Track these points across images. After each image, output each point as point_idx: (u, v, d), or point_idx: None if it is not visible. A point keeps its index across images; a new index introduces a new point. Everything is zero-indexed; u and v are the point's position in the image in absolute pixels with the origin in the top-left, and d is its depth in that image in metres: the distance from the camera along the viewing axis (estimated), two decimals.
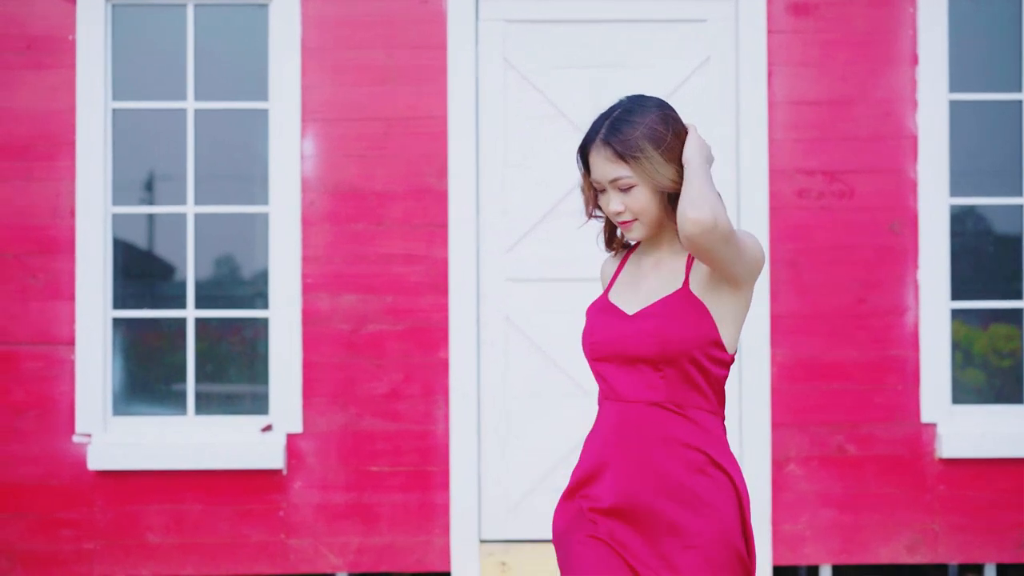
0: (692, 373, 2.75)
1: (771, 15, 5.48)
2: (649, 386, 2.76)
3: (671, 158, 2.73)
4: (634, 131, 2.73)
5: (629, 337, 2.76)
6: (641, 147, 2.72)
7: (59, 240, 5.42)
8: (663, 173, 2.73)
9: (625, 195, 2.77)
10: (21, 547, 5.38)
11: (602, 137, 2.76)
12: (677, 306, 2.76)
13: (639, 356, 2.75)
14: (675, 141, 2.75)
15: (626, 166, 2.74)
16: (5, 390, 5.39)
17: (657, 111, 2.77)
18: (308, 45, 5.46)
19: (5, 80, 5.42)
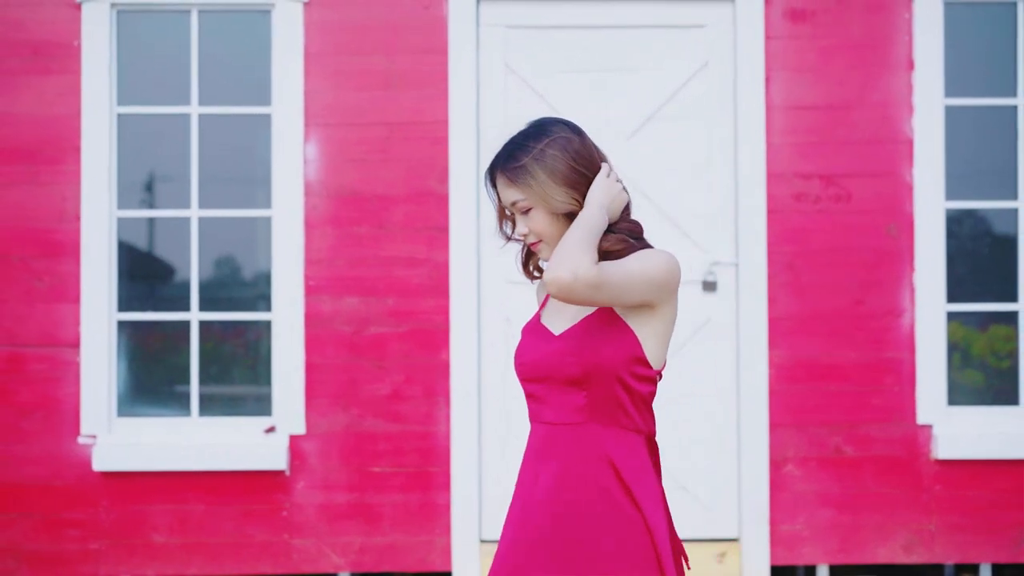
0: (616, 392, 2.76)
1: (769, 21, 5.54)
2: (573, 407, 2.77)
3: (567, 182, 2.75)
4: (526, 156, 2.76)
5: (554, 358, 2.77)
6: (532, 172, 2.74)
7: (64, 243, 5.48)
8: (556, 197, 2.75)
9: (527, 218, 2.79)
10: (27, 547, 5.43)
11: (500, 163, 2.80)
12: (599, 325, 2.76)
13: (563, 377, 2.76)
14: (572, 165, 2.76)
15: (520, 190, 2.77)
16: (11, 391, 5.45)
17: (554, 136, 2.78)
18: (311, 50, 5.52)
19: (11, 85, 5.48)
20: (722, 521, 5.53)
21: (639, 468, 2.77)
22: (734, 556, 5.46)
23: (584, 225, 2.70)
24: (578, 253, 2.64)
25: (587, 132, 2.86)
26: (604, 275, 2.66)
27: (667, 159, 5.57)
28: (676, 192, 5.57)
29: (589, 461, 2.75)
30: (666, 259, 2.75)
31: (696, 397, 5.54)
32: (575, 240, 2.67)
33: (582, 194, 2.76)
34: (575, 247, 2.65)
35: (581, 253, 2.64)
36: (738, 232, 5.52)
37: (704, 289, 5.53)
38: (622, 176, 5.37)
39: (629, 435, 2.77)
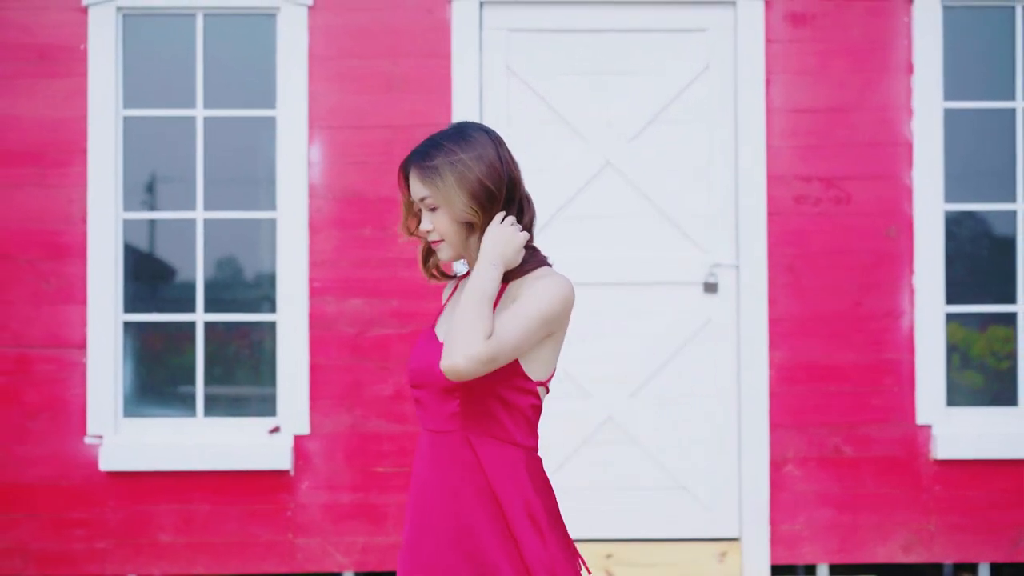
0: (490, 403, 2.78)
1: (769, 24, 5.59)
2: (447, 415, 2.80)
3: (471, 193, 2.77)
4: (441, 157, 2.79)
5: (432, 365, 2.80)
6: (442, 174, 2.77)
7: (71, 245, 5.53)
8: (458, 204, 2.78)
9: (433, 215, 2.82)
10: (34, 546, 5.48)
11: (415, 158, 2.83)
12: None
13: (439, 384, 2.79)
14: (480, 178, 2.78)
15: (428, 188, 2.79)
16: (18, 392, 5.50)
17: (472, 144, 2.81)
18: (315, 54, 5.57)
19: (19, 89, 5.53)
20: (723, 521, 5.57)
21: (510, 481, 2.78)
22: (735, 556, 5.51)
23: (475, 295, 2.70)
24: (469, 334, 2.65)
25: (505, 141, 2.88)
26: (498, 344, 2.67)
27: (668, 161, 5.62)
28: (677, 194, 5.61)
29: (462, 470, 2.78)
30: (560, 290, 2.76)
31: (697, 397, 5.59)
32: (465, 321, 2.67)
33: (483, 207, 2.78)
34: (465, 328, 2.66)
35: (472, 332, 2.65)
36: (739, 234, 5.57)
37: (705, 290, 5.57)
38: (624, 178, 5.44)
39: (504, 447, 2.79)
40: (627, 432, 5.58)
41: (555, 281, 2.77)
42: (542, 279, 2.78)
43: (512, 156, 2.85)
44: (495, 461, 2.78)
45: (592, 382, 5.59)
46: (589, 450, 5.58)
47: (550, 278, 2.78)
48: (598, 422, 5.57)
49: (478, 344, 2.66)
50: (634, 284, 5.60)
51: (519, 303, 2.75)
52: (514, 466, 2.79)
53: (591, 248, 5.62)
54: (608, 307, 5.59)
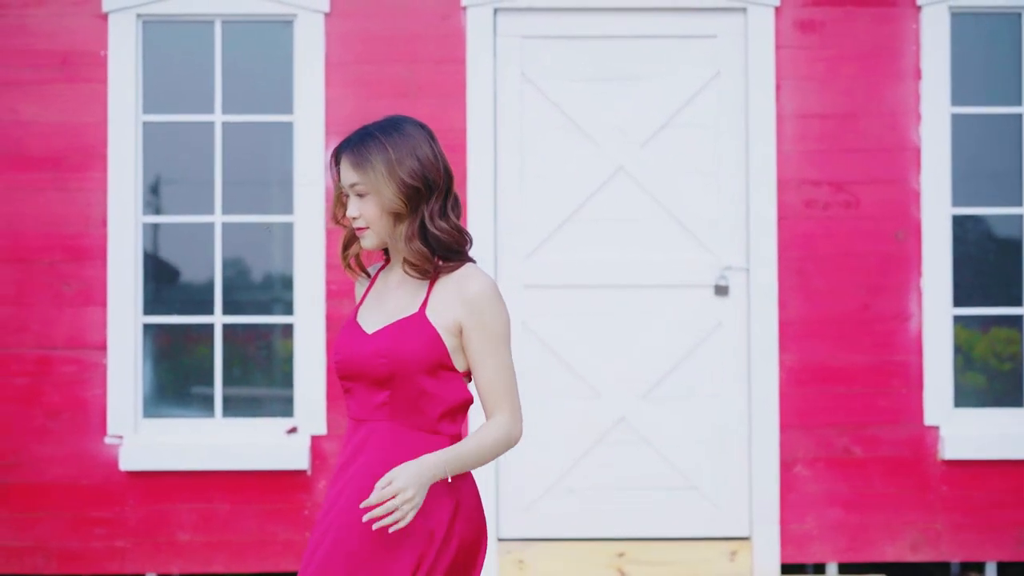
0: (418, 395, 2.84)
1: (779, 31, 5.67)
2: (376, 405, 2.86)
3: (400, 185, 2.83)
4: (374, 145, 2.85)
5: (364, 356, 2.86)
6: (373, 162, 2.83)
7: (91, 248, 5.61)
8: (386, 194, 2.83)
9: (361, 202, 2.86)
10: (56, 545, 5.57)
11: (348, 145, 2.88)
12: (410, 329, 2.85)
13: (370, 375, 2.85)
14: (411, 172, 2.84)
15: (359, 175, 2.84)
16: (40, 393, 5.58)
17: (406, 137, 2.88)
18: (332, 60, 5.65)
19: (40, 94, 5.62)
20: (733, 520, 5.66)
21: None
22: (745, 554, 5.59)
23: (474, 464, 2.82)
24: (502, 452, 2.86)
25: (438, 139, 2.95)
26: (514, 404, 2.86)
27: (680, 166, 5.70)
28: (688, 198, 5.70)
29: (387, 459, 2.83)
30: (499, 300, 2.87)
31: (708, 399, 5.67)
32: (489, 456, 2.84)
33: (411, 199, 2.84)
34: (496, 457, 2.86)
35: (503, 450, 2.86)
36: (749, 237, 5.65)
37: (716, 293, 5.65)
38: (636, 183, 5.52)
39: (429, 437, 2.84)
40: (639, 432, 5.66)
41: (491, 294, 2.86)
42: (476, 295, 2.85)
43: (443, 153, 2.92)
44: (418, 447, 2.83)
45: (604, 383, 5.67)
46: (601, 450, 5.67)
47: (482, 291, 2.85)
48: (610, 423, 5.66)
49: (511, 437, 2.85)
50: (646, 287, 5.69)
51: (484, 348, 2.83)
52: (434, 448, 2.84)
53: (603, 251, 5.70)
54: (620, 309, 5.67)
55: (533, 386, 5.67)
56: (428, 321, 2.85)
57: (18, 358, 5.59)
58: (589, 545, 5.62)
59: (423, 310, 2.87)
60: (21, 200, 5.61)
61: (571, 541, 5.64)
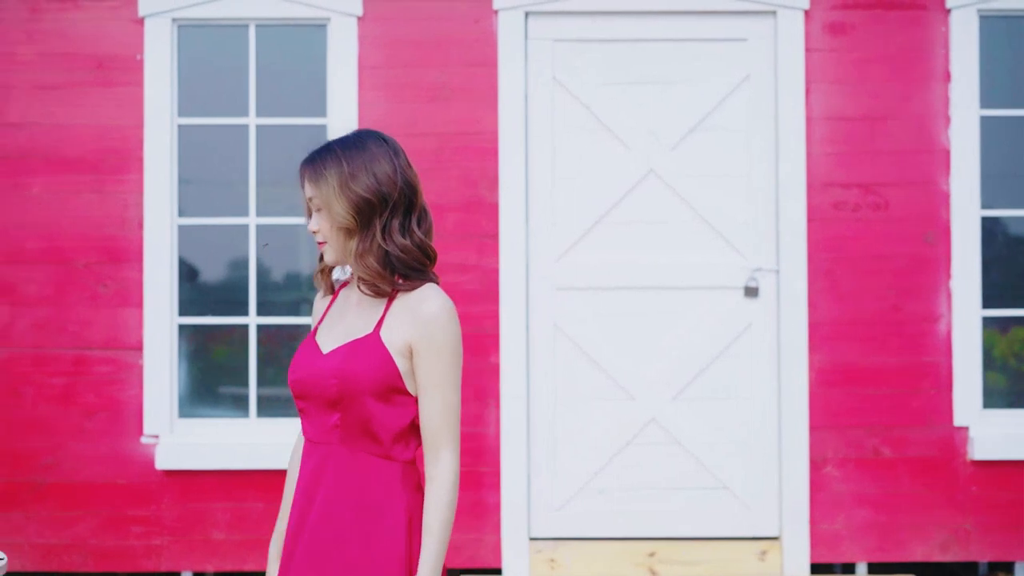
0: (369, 419, 2.78)
1: (809, 34, 5.71)
2: (328, 427, 2.81)
3: (352, 202, 2.78)
4: (330, 160, 2.81)
5: (317, 376, 2.81)
6: (327, 178, 2.79)
7: (128, 250, 5.68)
8: (336, 209, 2.79)
9: (319, 216, 2.84)
10: (93, 543, 5.64)
11: (308, 159, 2.85)
12: (363, 350, 2.79)
13: (322, 396, 2.80)
14: (366, 188, 2.80)
15: (313, 189, 2.81)
16: (77, 392, 5.65)
17: (365, 154, 2.83)
18: (365, 63, 5.71)
19: (77, 98, 5.68)
20: (763, 520, 5.69)
21: (386, 495, 2.80)
22: (775, 554, 5.63)
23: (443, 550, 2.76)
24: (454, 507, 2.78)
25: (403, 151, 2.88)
26: (453, 438, 2.78)
27: (710, 168, 5.74)
28: (718, 200, 5.74)
29: (339, 482, 2.79)
30: (453, 325, 2.81)
31: (738, 400, 5.71)
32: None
33: (362, 215, 2.79)
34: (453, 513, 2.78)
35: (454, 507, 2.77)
36: (779, 239, 5.69)
37: (746, 295, 5.69)
38: (666, 185, 5.55)
39: (381, 462, 2.80)
40: (670, 433, 5.70)
41: (445, 318, 2.81)
42: (429, 317, 2.79)
43: (410, 166, 2.87)
44: (371, 475, 2.79)
45: (635, 385, 5.71)
46: (632, 451, 5.71)
47: (436, 314, 2.80)
48: (641, 424, 5.70)
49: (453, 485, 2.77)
50: (676, 288, 5.73)
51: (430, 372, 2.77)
52: (390, 481, 2.79)
53: (634, 253, 5.74)
54: (651, 311, 5.71)
55: (564, 388, 5.71)
56: (381, 342, 2.79)
57: (56, 358, 5.66)
58: (620, 545, 5.67)
59: (377, 330, 2.81)
60: (59, 202, 5.68)
61: (602, 540, 5.69)
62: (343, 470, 2.80)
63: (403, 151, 2.88)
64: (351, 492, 2.79)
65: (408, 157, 2.89)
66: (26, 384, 5.65)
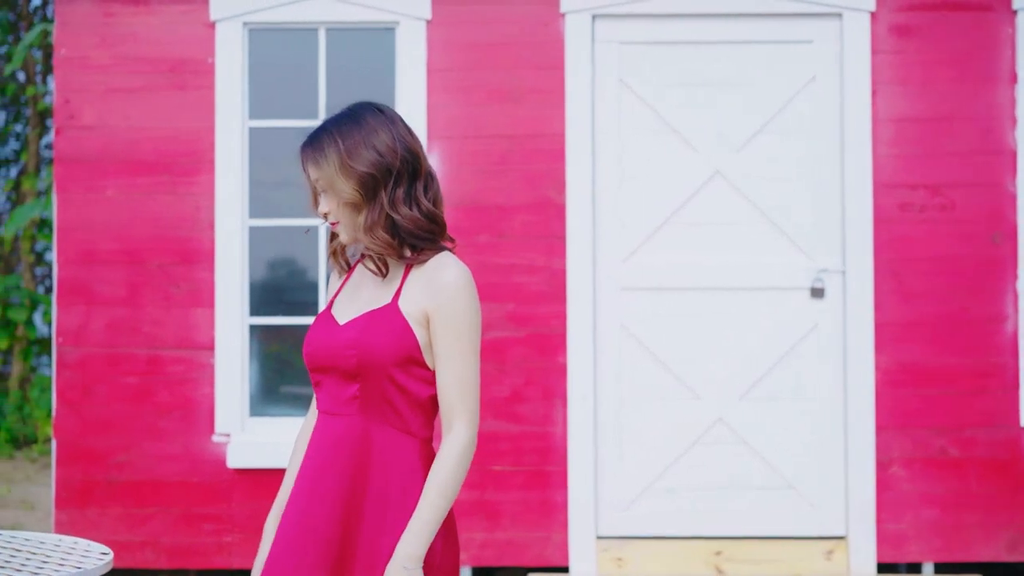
0: (388, 390, 2.79)
1: (875, 36, 5.74)
2: (345, 399, 2.80)
3: (355, 177, 2.78)
4: (327, 139, 2.81)
5: (334, 348, 2.80)
6: (328, 157, 2.79)
7: (199, 251, 5.76)
8: (340, 187, 2.78)
9: (325, 197, 2.83)
10: (166, 540, 5.72)
11: (306, 142, 2.85)
12: (381, 321, 2.79)
13: (339, 367, 2.80)
14: (365, 162, 2.78)
15: (316, 171, 2.81)
16: (150, 392, 5.74)
17: (361, 127, 2.81)
18: (433, 66, 5.77)
19: (151, 101, 5.77)
20: (830, 519, 5.72)
21: (402, 469, 2.80)
22: (841, 554, 5.66)
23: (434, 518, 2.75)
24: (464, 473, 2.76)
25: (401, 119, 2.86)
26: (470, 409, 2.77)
27: (776, 170, 5.78)
28: (784, 202, 5.77)
29: (355, 455, 2.79)
30: (471, 294, 2.80)
31: (804, 400, 5.74)
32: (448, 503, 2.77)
33: (368, 189, 2.78)
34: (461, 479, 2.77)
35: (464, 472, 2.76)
36: (845, 241, 5.72)
37: (812, 295, 5.72)
38: (732, 187, 5.60)
39: (399, 436, 2.80)
40: (736, 433, 5.74)
41: (462, 284, 2.80)
42: (447, 284, 2.78)
43: (411, 132, 2.85)
44: (389, 448, 2.79)
45: (702, 385, 5.75)
46: (699, 450, 5.75)
47: (453, 281, 2.79)
48: (708, 423, 5.74)
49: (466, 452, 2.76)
50: (742, 289, 5.77)
51: (446, 340, 2.76)
52: (407, 455, 2.80)
53: (700, 254, 5.78)
54: (718, 311, 5.75)
55: (631, 387, 5.76)
56: (400, 312, 2.79)
57: (130, 358, 5.75)
58: (686, 543, 5.71)
59: (395, 301, 2.81)
60: (134, 204, 5.77)
61: (669, 539, 5.73)
62: (359, 441, 2.80)
63: (401, 118, 2.86)
64: (366, 462, 2.79)
65: (409, 127, 2.86)
66: (101, 383, 5.74)
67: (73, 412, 5.74)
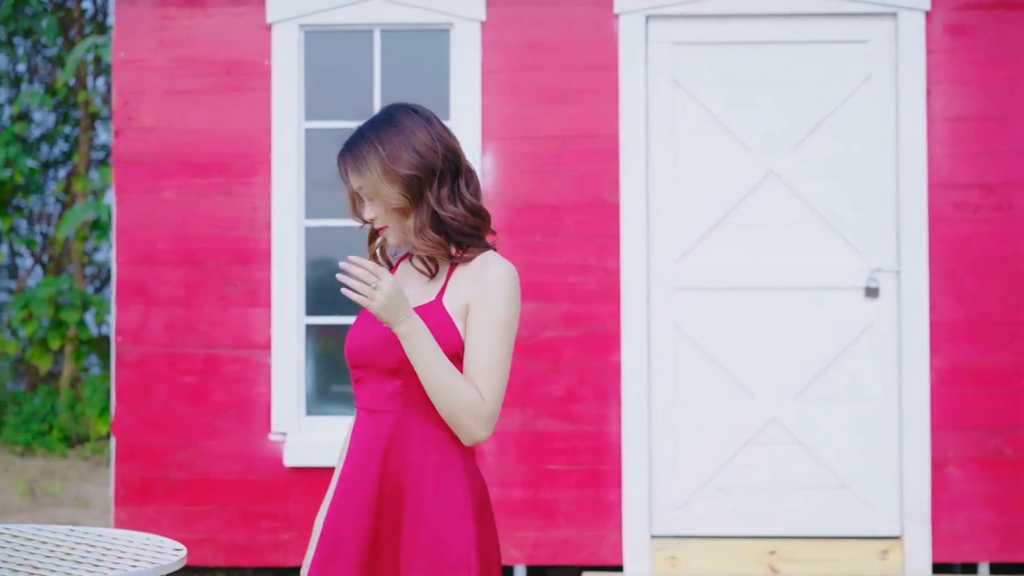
0: None
1: (930, 35, 5.72)
2: (388, 395, 2.81)
3: (397, 180, 2.78)
4: (367, 146, 2.81)
5: (376, 345, 2.81)
6: (369, 165, 2.79)
7: (256, 251, 5.81)
8: (385, 193, 2.79)
9: (371, 203, 2.83)
10: (223, 537, 5.77)
11: (344, 150, 2.85)
12: (424, 317, 2.79)
13: (381, 364, 2.80)
14: (406, 165, 2.78)
15: (359, 179, 2.81)
16: (208, 391, 5.79)
17: (399, 130, 2.81)
18: (488, 67, 5.80)
19: (208, 103, 5.83)
20: (884, 519, 5.72)
21: (444, 465, 2.80)
22: (896, 554, 5.65)
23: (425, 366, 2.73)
24: (460, 404, 2.72)
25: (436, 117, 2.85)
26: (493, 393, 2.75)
27: (830, 170, 5.78)
28: (838, 201, 5.77)
29: (398, 451, 2.79)
30: (512, 289, 2.79)
31: (859, 399, 5.74)
32: (444, 394, 2.73)
33: (412, 191, 2.78)
34: (452, 400, 2.72)
35: (462, 401, 2.72)
36: (899, 240, 5.71)
37: (866, 295, 5.72)
38: (786, 186, 5.59)
39: (440, 432, 2.80)
40: (791, 432, 5.74)
41: (506, 282, 2.80)
42: (491, 278, 2.79)
43: (448, 130, 2.85)
44: (428, 445, 2.80)
45: (756, 384, 5.76)
46: (753, 450, 5.75)
47: (497, 276, 2.80)
48: (762, 423, 5.74)
49: (479, 408, 2.75)
50: (796, 289, 5.77)
51: (480, 327, 2.76)
52: (447, 452, 2.81)
53: (754, 254, 5.79)
54: (772, 311, 5.76)
55: (685, 387, 5.77)
56: (444, 309, 2.80)
57: (187, 357, 5.80)
58: (741, 543, 5.71)
59: (439, 298, 2.82)
60: (191, 205, 5.82)
61: (723, 539, 5.74)
62: (401, 437, 2.81)
63: (436, 117, 2.86)
64: (409, 458, 2.80)
65: (444, 125, 2.87)
66: (159, 382, 5.80)
67: (132, 411, 5.80)
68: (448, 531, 2.78)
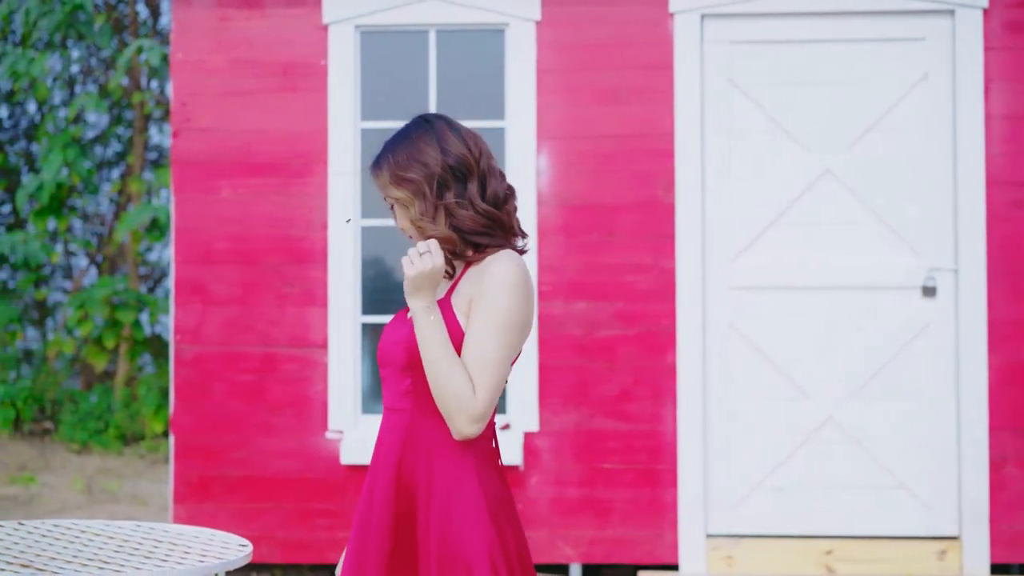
0: None
1: (988, 32, 5.69)
2: (400, 393, 2.89)
3: (416, 194, 2.89)
4: (383, 159, 2.95)
5: (391, 343, 2.91)
6: (384, 175, 2.93)
7: (312, 251, 5.85)
8: (399, 198, 2.92)
9: (399, 211, 2.95)
10: (280, 535, 5.81)
11: (372, 166, 2.98)
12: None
13: (395, 362, 2.89)
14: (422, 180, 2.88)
15: (385, 191, 2.95)
16: (265, 389, 5.84)
17: (414, 146, 2.92)
18: (543, 67, 5.81)
19: (265, 103, 5.87)
20: (942, 519, 5.68)
21: (454, 463, 2.84)
22: (954, 554, 5.62)
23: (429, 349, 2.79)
24: (455, 396, 2.76)
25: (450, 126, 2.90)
26: (487, 390, 2.77)
27: (886, 168, 5.75)
28: (895, 200, 5.74)
29: (409, 449, 2.85)
30: (516, 287, 2.82)
31: (916, 399, 5.71)
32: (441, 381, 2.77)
33: (424, 200, 2.88)
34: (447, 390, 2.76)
35: (455, 393, 2.76)
36: (957, 239, 5.68)
37: (923, 294, 5.69)
38: (842, 185, 5.56)
39: (447, 429, 2.84)
40: (847, 432, 5.72)
41: (510, 279, 2.83)
42: (491, 274, 2.83)
43: (462, 137, 2.91)
44: (438, 442, 2.85)
45: (812, 383, 5.74)
46: (809, 449, 5.74)
47: (497, 273, 2.83)
48: (818, 422, 5.72)
49: (468, 403, 2.77)
50: (853, 288, 5.75)
51: (476, 323, 2.80)
52: (460, 449, 2.85)
53: (810, 253, 5.77)
54: (828, 311, 5.74)
55: (741, 386, 5.76)
56: (451, 307, 2.87)
57: (245, 356, 5.85)
58: (797, 542, 5.70)
59: (448, 296, 2.89)
60: (249, 204, 5.87)
61: (779, 538, 5.72)
62: (414, 435, 2.86)
63: (450, 125, 2.92)
64: (420, 455, 2.84)
65: (462, 129, 2.92)
66: (217, 380, 5.85)
67: (190, 409, 5.85)
68: (461, 533, 2.82)
